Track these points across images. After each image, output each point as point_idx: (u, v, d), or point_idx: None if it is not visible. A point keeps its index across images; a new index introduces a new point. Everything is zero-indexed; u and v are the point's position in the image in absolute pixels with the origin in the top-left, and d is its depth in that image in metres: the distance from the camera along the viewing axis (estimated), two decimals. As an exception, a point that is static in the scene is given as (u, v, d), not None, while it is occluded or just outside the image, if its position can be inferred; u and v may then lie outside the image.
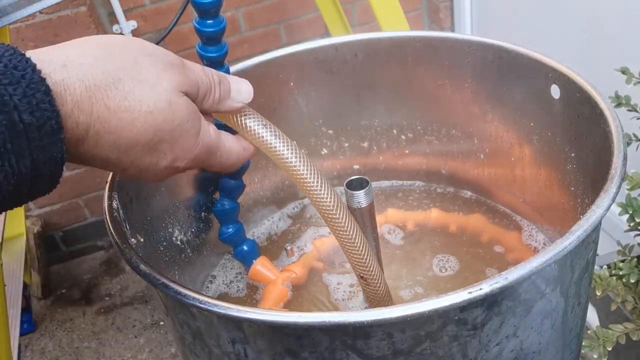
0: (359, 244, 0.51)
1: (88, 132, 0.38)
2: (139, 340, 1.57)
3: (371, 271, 0.52)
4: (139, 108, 0.39)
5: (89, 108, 0.38)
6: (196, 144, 0.44)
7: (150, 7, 1.63)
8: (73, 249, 1.87)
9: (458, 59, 0.67)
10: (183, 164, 0.45)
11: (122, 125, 0.39)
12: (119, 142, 0.40)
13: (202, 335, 0.46)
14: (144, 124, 0.40)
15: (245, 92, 0.48)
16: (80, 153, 0.40)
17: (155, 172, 0.44)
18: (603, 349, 0.75)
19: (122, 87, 0.39)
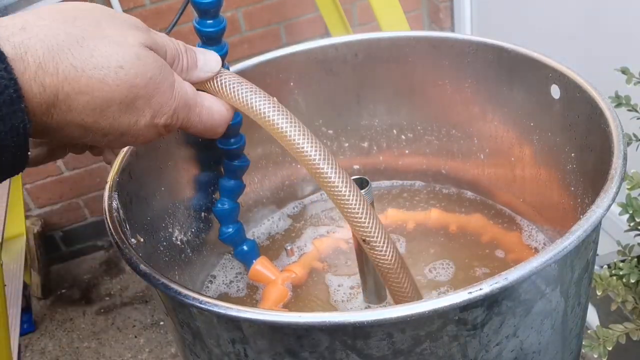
0: (354, 200, 0.47)
1: (58, 96, 0.37)
2: (139, 340, 1.57)
3: (373, 232, 0.48)
4: (107, 64, 0.38)
5: (54, 69, 0.37)
6: (172, 97, 0.43)
7: (150, 7, 1.63)
8: (73, 249, 1.87)
9: (458, 59, 0.67)
10: (163, 120, 0.43)
11: (93, 83, 0.38)
12: (93, 103, 0.39)
13: (202, 335, 0.46)
14: (115, 80, 0.39)
15: (212, 61, 0.48)
16: (54, 121, 0.38)
17: (137, 133, 0.43)
18: (603, 349, 0.75)
19: (86, 44, 0.38)
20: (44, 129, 0.39)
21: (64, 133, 0.40)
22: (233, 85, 0.48)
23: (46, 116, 0.38)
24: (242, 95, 0.48)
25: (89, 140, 0.42)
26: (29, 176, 1.72)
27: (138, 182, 0.57)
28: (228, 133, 0.62)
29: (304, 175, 0.78)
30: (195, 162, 0.64)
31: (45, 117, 0.38)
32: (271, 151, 0.74)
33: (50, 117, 0.38)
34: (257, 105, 0.48)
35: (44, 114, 0.38)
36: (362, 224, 0.47)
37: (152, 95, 0.41)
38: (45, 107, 0.37)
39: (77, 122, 0.39)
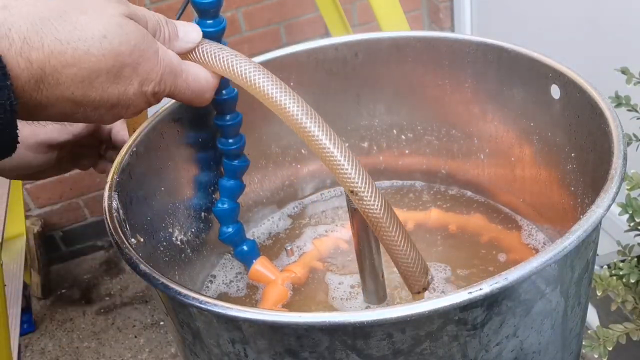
0: (338, 153, 0.47)
1: (45, 70, 0.38)
2: (139, 340, 1.57)
3: (359, 183, 0.47)
4: (91, 35, 0.39)
5: (39, 43, 0.37)
6: (158, 64, 0.44)
7: (150, 7, 1.63)
8: (73, 249, 1.87)
9: (458, 59, 0.67)
10: (151, 87, 0.44)
11: (79, 55, 0.39)
12: (80, 75, 0.39)
13: (202, 335, 0.46)
14: (100, 49, 0.39)
15: (192, 31, 0.48)
16: (43, 97, 0.39)
17: (127, 103, 0.43)
18: (603, 349, 0.75)
19: (68, 17, 0.39)
20: (35, 107, 0.39)
21: (55, 110, 0.40)
22: (215, 51, 0.49)
23: (36, 92, 0.38)
24: (225, 59, 0.48)
25: (80, 117, 0.42)
26: (29, 176, 1.72)
27: (138, 182, 0.57)
28: (228, 133, 0.62)
29: (304, 175, 0.78)
30: (195, 162, 0.64)
31: (35, 93, 0.38)
32: (271, 151, 0.74)
33: (40, 92, 0.38)
34: (239, 68, 0.48)
35: (33, 90, 0.38)
36: (349, 175, 0.47)
37: (138, 62, 0.42)
38: (34, 82, 0.38)
39: (66, 96, 0.40)
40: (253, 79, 0.48)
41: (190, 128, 0.63)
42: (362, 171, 0.47)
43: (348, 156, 0.47)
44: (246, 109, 0.62)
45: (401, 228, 0.49)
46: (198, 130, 0.64)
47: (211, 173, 0.66)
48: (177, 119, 0.62)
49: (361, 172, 0.47)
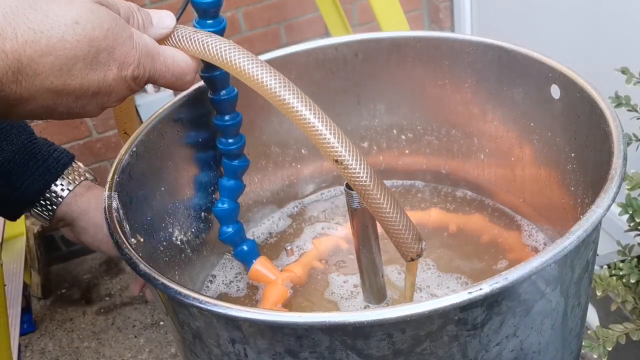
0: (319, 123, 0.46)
1: (21, 60, 0.38)
2: (139, 340, 1.57)
3: (343, 152, 0.46)
4: (64, 22, 0.39)
5: (13, 33, 0.37)
6: (134, 47, 0.44)
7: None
8: (73, 249, 1.87)
9: (458, 59, 0.67)
10: (130, 71, 0.44)
11: (54, 43, 0.39)
12: (58, 63, 0.39)
13: (202, 335, 0.46)
14: (74, 35, 0.40)
15: (166, 17, 0.49)
16: (23, 89, 0.39)
17: (108, 90, 0.43)
18: (603, 349, 0.75)
19: (39, 7, 0.39)
20: (16, 101, 0.39)
21: (37, 103, 0.40)
22: (189, 34, 0.49)
23: (14, 84, 0.38)
24: (199, 40, 0.48)
25: (63, 109, 0.42)
26: (29, 176, 1.72)
27: (138, 182, 0.57)
28: (228, 133, 0.62)
29: (304, 175, 0.78)
30: (195, 162, 0.64)
31: (14, 86, 0.38)
32: (271, 151, 0.74)
33: (19, 84, 0.38)
34: (215, 48, 0.48)
35: (12, 82, 0.38)
36: (331, 145, 0.46)
37: (113, 47, 0.42)
38: (11, 73, 0.38)
39: (46, 87, 0.40)
40: (227, 56, 0.48)
41: (190, 128, 0.63)
42: (346, 140, 0.46)
43: (330, 125, 0.46)
44: (246, 109, 0.63)
45: (390, 195, 0.48)
46: (198, 130, 0.64)
47: (211, 173, 0.66)
48: (177, 119, 0.62)
49: (345, 141, 0.46)
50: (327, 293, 0.66)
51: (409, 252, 0.51)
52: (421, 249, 0.51)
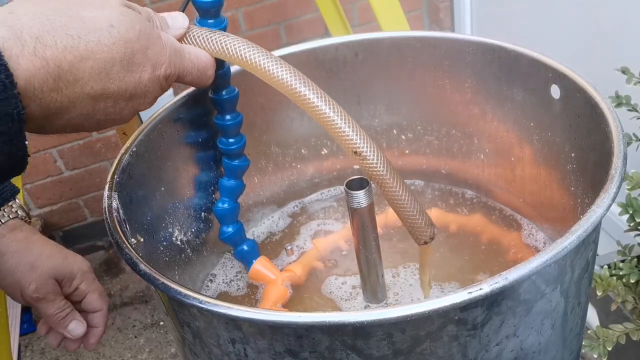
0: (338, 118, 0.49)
1: (61, 66, 0.38)
2: (139, 340, 1.57)
3: (361, 144, 0.49)
4: (99, 26, 0.40)
5: (52, 41, 0.38)
6: (164, 46, 0.45)
7: (150, 7, 1.63)
8: (73, 249, 1.86)
9: (458, 59, 0.67)
10: (163, 70, 0.45)
11: (92, 47, 0.39)
12: (97, 67, 0.40)
13: (202, 335, 0.46)
14: (110, 38, 0.40)
15: (179, 17, 0.50)
16: (64, 96, 0.39)
17: (143, 91, 0.44)
18: (603, 349, 0.75)
19: (74, 13, 0.39)
20: (56, 110, 0.39)
21: (75, 111, 0.40)
22: (205, 34, 0.50)
23: (55, 92, 0.38)
24: (217, 41, 0.49)
25: (100, 116, 0.42)
26: (29, 176, 1.72)
27: (138, 182, 0.57)
28: (228, 133, 0.62)
29: (304, 174, 0.78)
30: (195, 162, 0.64)
31: (55, 94, 0.38)
32: (271, 151, 0.74)
33: (60, 92, 0.39)
34: (232, 47, 0.49)
35: (53, 90, 0.38)
36: (350, 138, 0.49)
37: (147, 46, 0.43)
38: (52, 81, 0.38)
39: (86, 92, 0.40)
40: (245, 54, 0.49)
41: (190, 128, 0.63)
42: (363, 133, 0.49)
43: (347, 119, 0.49)
44: (246, 108, 0.63)
45: (404, 184, 0.52)
46: (198, 130, 0.64)
47: (211, 173, 0.66)
48: (177, 119, 0.62)
49: (361, 133, 0.49)
50: (327, 293, 0.66)
51: (423, 236, 0.55)
52: (433, 232, 0.55)
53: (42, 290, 0.60)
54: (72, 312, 0.62)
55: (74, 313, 0.62)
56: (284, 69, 0.49)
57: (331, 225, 0.76)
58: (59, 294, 0.61)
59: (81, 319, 0.63)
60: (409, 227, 0.55)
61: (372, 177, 0.51)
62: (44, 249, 0.62)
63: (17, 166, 0.39)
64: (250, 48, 0.49)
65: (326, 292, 0.66)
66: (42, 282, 0.60)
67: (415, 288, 0.65)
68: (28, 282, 0.59)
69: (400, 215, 0.54)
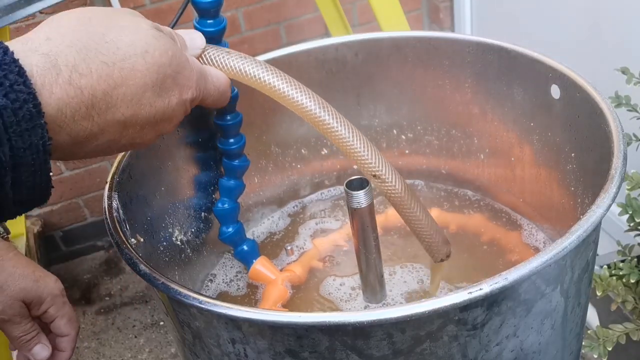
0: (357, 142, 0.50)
1: (96, 95, 0.37)
2: (139, 340, 1.57)
3: (380, 167, 0.51)
4: (134, 52, 0.39)
5: (87, 69, 0.37)
6: (192, 70, 0.45)
7: (150, 7, 1.63)
8: (73, 249, 1.87)
9: (458, 59, 0.67)
10: (189, 94, 0.44)
11: (126, 74, 0.39)
12: (130, 93, 0.39)
13: (202, 335, 0.46)
14: (144, 64, 0.40)
15: (197, 38, 0.49)
16: (95, 125, 0.38)
17: (170, 115, 0.43)
18: (603, 349, 0.75)
19: (110, 39, 0.39)
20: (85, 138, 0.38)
21: (104, 137, 0.40)
22: (222, 56, 0.49)
23: (87, 120, 0.38)
24: (233, 63, 0.49)
25: (126, 142, 0.42)
26: (29, 176, 1.72)
27: (138, 182, 0.57)
28: (228, 133, 0.62)
29: (304, 174, 0.78)
30: (195, 162, 0.64)
31: (86, 122, 0.38)
32: (271, 151, 0.74)
33: (91, 119, 0.38)
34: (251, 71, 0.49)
35: (84, 118, 0.37)
36: (369, 161, 0.50)
37: (177, 71, 0.43)
38: (85, 109, 0.37)
39: (117, 119, 0.39)
40: (268, 80, 0.49)
41: (190, 128, 0.63)
42: (380, 156, 0.51)
43: (366, 143, 0.50)
44: (246, 109, 0.63)
45: (420, 204, 0.53)
46: (198, 130, 0.64)
47: (211, 173, 0.66)
48: (177, 119, 0.62)
49: (379, 157, 0.50)
50: (328, 293, 0.66)
51: (439, 254, 0.57)
52: (449, 250, 0.57)
53: (7, 312, 0.59)
54: (37, 335, 0.61)
55: (40, 336, 0.61)
56: (303, 94, 0.49)
57: (331, 225, 0.76)
58: (26, 316, 0.60)
59: (47, 343, 0.62)
60: (426, 246, 0.56)
61: (391, 199, 0.52)
62: (15, 270, 0.60)
63: (39, 198, 0.37)
64: (268, 71, 0.49)
65: (326, 292, 0.66)
66: (9, 304, 0.59)
67: (411, 285, 0.65)
68: None
69: (417, 235, 0.55)
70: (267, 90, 0.49)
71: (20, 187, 0.35)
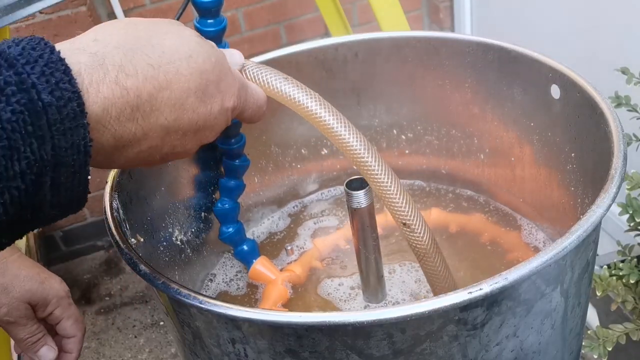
0: (394, 188, 0.51)
1: (141, 96, 0.38)
2: (139, 340, 1.57)
3: (411, 217, 0.51)
4: (178, 56, 0.40)
5: (134, 70, 0.37)
6: (234, 78, 0.45)
7: (150, 7, 1.63)
8: (73, 249, 1.87)
9: (458, 59, 0.67)
10: (231, 102, 0.44)
11: (171, 77, 0.39)
12: (174, 97, 0.39)
13: (202, 335, 0.46)
14: (188, 69, 0.40)
15: (236, 55, 0.50)
16: (138, 127, 0.38)
17: (212, 123, 0.43)
18: (603, 349, 0.75)
19: (156, 42, 0.39)
20: (129, 141, 0.38)
21: (147, 143, 0.40)
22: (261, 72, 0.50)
23: (131, 122, 0.38)
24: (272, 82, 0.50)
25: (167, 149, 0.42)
26: (29, 176, 1.72)
27: (138, 182, 0.57)
28: (229, 132, 0.62)
29: (304, 174, 0.78)
30: (195, 162, 0.64)
31: (131, 124, 0.38)
32: (271, 151, 0.74)
33: (135, 122, 0.38)
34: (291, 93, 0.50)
35: (129, 120, 0.38)
36: (402, 209, 0.51)
37: (220, 78, 0.43)
38: (130, 110, 0.37)
39: (160, 124, 0.39)
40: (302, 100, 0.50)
41: (190, 128, 0.63)
42: (413, 204, 0.52)
43: (401, 190, 0.51)
44: (246, 108, 0.62)
45: (442, 257, 0.55)
46: (198, 130, 0.64)
47: (211, 173, 0.66)
48: (177, 119, 0.62)
49: (412, 205, 0.51)
50: (328, 293, 0.66)
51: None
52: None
53: (13, 314, 0.59)
54: (43, 337, 0.61)
55: (46, 338, 0.61)
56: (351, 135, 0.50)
57: (331, 225, 0.76)
58: (32, 318, 0.60)
59: (53, 344, 0.61)
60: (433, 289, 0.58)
61: (416, 250, 0.53)
62: (19, 272, 0.60)
63: (75, 203, 0.37)
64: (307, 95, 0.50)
65: (326, 292, 0.66)
66: (15, 306, 0.59)
67: (409, 285, 0.65)
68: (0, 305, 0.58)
69: (432, 284, 0.57)
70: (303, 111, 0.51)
71: (59, 188, 0.35)
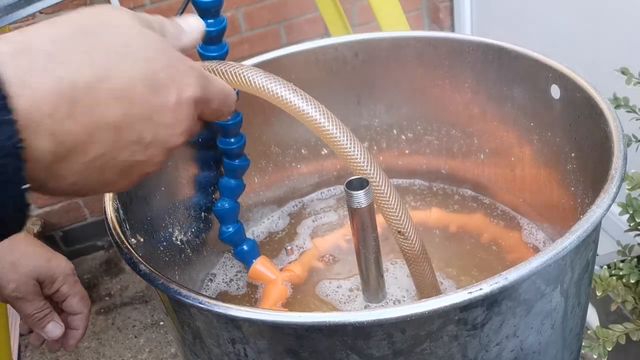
0: (393, 198, 0.53)
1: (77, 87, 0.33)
2: (139, 340, 1.57)
3: (406, 226, 0.54)
4: (117, 42, 0.37)
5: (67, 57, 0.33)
6: (190, 67, 0.41)
7: (150, 7, 1.63)
8: (73, 249, 1.87)
9: (458, 59, 0.67)
10: (190, 91, 0.40)
11: (110, 65, 0.35)
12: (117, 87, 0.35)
13: (202, 335, 0.46)
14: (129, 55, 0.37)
15: (194, 21, 0.47)
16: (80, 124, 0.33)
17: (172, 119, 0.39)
18: (603, 349, 0.75)
19: (91, 32, 0.36)
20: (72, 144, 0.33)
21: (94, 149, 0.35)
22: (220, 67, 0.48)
23: (70, 119, 0.33)
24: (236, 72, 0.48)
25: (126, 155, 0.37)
26: (29, 176, 1.72)
27: (138, 182, 0.57)
28: (228, 132, 0.62)
29: (304, 174, 0.78)
30: (195, 162, 0.64)
31: (70, 122, 0.33)
32: (271, 151, 0.74)
33: (75, 119, 0.33)
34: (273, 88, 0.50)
35: (67, 116, 0.33)
36: (398, 219, 0.53)
37: (170, 65, 0.39)
38: (66, 105, 0.32)
39: (106, 121, 0.35)
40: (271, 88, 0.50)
41: (190, 128, 0.63)
42: (407, 212, 0.54)
43: (397, 199, 0.53)
44: (246, 109, 0.63)
45: (429, 262, 0.58)
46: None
47: (211, 173, 0.66)
48: (177, 119, 0.62)
49: (406, 213, 0.54)
50: (327, 293, 0.66)
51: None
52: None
53: (21, 290, 0.59)
54: (50, 313, 0.62)
55: (52, 314, 0.62)
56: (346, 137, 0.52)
57: (331, 224, 0.76)
58: (39, 294, 0.61)
59: (59, 321, 0.62)
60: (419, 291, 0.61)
61: (407, 256, 0.56)
62: (27, 249, 0.61)
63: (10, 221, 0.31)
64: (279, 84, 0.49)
65: (326, 291, 0.66)
66: (22, 282, 0.59)
67: (401, 281, 0.65)
68: (8, 281, 0.59)
69: (419, 286, 0.60)
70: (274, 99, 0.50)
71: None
